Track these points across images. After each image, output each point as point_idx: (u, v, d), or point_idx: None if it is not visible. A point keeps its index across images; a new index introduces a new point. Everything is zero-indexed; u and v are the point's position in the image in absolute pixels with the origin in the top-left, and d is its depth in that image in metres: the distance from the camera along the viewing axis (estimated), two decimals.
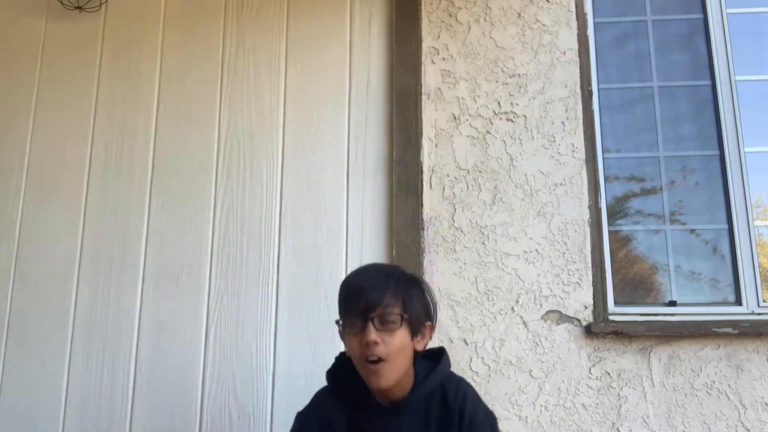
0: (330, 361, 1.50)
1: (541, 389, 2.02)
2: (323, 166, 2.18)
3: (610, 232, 2.19)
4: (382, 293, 1.28)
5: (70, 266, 2.18)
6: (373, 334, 1.26)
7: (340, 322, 1.33)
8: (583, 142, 2.18)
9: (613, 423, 1.99)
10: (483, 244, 2.12)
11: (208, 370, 2.07)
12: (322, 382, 1.50)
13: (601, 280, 2.10)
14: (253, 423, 2.03)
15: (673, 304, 2.15)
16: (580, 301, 2.07)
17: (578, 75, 2.23)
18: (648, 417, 1.99)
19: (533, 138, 2.19)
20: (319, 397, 1.44)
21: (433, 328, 1.38)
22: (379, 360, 1.27)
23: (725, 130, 2.24)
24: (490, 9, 2.30)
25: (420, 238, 2.10)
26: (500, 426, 2.01)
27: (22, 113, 2.32)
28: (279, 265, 2.13)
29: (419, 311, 1.34)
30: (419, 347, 1.35)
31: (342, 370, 1.39)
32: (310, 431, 1.38)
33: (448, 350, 1.98)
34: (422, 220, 2.13)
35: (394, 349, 1.27)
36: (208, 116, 2.26)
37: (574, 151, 2.18)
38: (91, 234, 2.20)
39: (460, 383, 1.39)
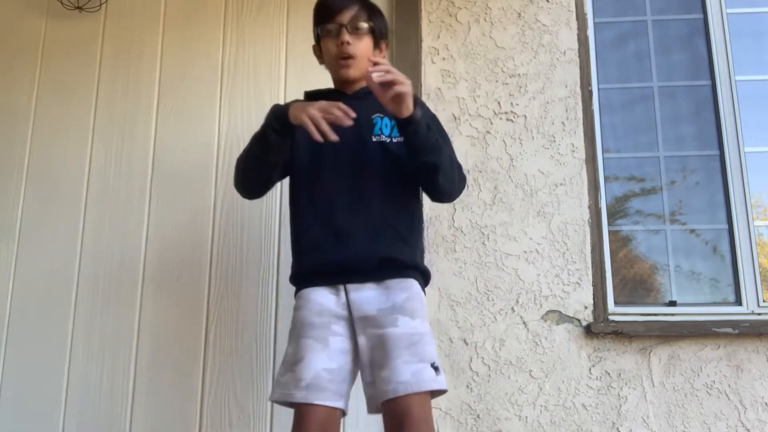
0: None
1: (541, 389, 2.02)
2: None
3: (610, 232, 2.19)
4: (354, 4, 1.60)
5: (70, 266, 2.17)
6: (347, 36, 1.57)
7: (318, 30, 1.64)
8: (583, 142, 2.18)
9: (613, 423, 1.99)
10: (483, 244, 2.12)
11: (208, 370, 2.07)
12: None
13: (601, 280, 2.10)
14: (253, 423, 2.03)
15: (673, 304, 2.15)
16: (580, 301, 2.07)
17: (578, 75, 2.23)
18: (648, 417, 1.99)
19: (533, 138, 2.19)
20: (292, 101, 1.64)
21: (387, 46, 1.71)
22: (350, 57, 1.58)
23: (725, 130, 2.24)
24: (490, 9, 2.30)
25: None
26: (500, 426, 2.02)
27: (22, 113, 2.32)
28: (279, 265, 2.13)
29: (381, 28, 1.66)
30: (378, 60, 1.58)
31: (312, 94, 1.68)
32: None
33: (447, 350, 1.99)
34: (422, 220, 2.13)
35: (361, 50, 1.60)
36: (208, 116, 2.26)
37: (574, 151, 2.18)
38: (91, 234, 2.20)
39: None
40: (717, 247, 2.21)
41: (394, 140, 1.58)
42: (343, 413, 1.46)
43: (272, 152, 1.56)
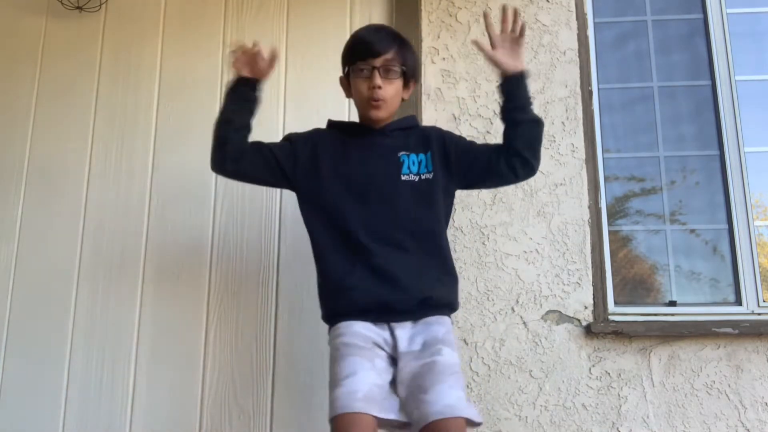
0: None
1: (541, 389, 2.02)
2: None
3: (610, 232, 2.19)
4: (388, 47, 1.59)
5: (70, 266, 2.17)
6: (379, 80, 1.57)
7: (349, 69, 1.63)
8: (583, 142, 2.18)
9: (613, 423, 1.99)
10: (483, 244, 2.12)
11: (208, 370, 2.07)
12: (323, 383, 1.50)
13: (601, 280, 2.10)
14: (253, 423, 2.03)
15: (673, 304, 2.15)
16: (580, 301, 2.07)
17: (578, 75, 2.23)
18: (648, 417, 1.99)
19: None
20: (313, 129, 1.72)
21: (415, 84, 1.71)
22: (381, 100, 1.58)
23: (725, 130, 2.24)
24: (490, 9, 2.30)
25: None
26: (500, 426, 2.02)
27: (22, 113, 2.32)
28: (279, 265, 2.13)
29: (413, 69, 1.67)
30: (405, 97, 1.68)
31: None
32: (294, 143, 1.66)
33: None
34: None
35: (391, 94, 1.60)
36: (208, 116, 2.25)
37: (574, 151, 2.18)
38: (91, 234, 2.20)
39: (435, 126, 1.81)
40: (717, 247, 2.21)
41: (423, 177, 1.60)
42: (407, 424, 1.45)
43: (241, 111, 1.61)
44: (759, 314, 2.09)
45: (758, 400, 1.99)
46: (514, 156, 1.61)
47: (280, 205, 2.17)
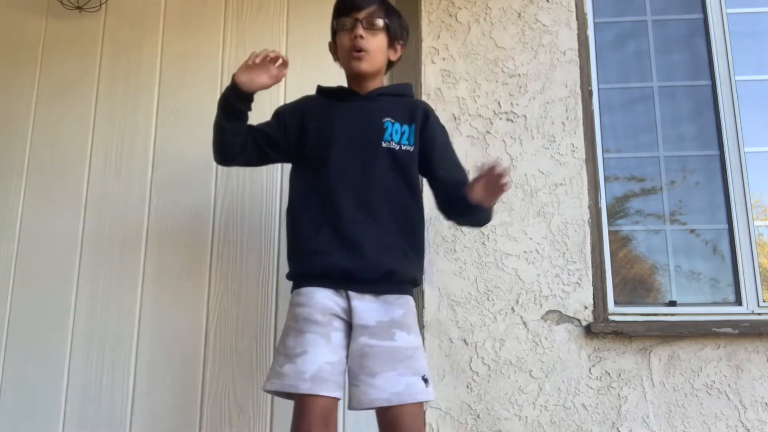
0: None
1: (541, 389, 2.02)
2: None
3: (610, 232, 2.19)
4: (371, 2, 1.63)
5: (70, 266, 2.17)
6: (360, 30, 1.60)
7: (335, 24, 1.67)
8: (583, 142, 2.18)
9: (613, 423, 1.99)
10: (483, 244, 2.12)
11: (208, 370, 2.07)
12: None
13: (601, 280, 2.10)
14: (253, 423, 2.03)
15: (673, 304, 2.15)
16: (580, 301, 2.07)
17: (578, 75, 2.23)
18: (648, 417, 1.99)
19: (533, 138, 2.19)
20: (302, 97, 1.77)
21: (403, 48, 1.72)
22: (362, 50, 1.61)
23: (725, 130, 2.24)
24: (490, 9, 2.30)
25: None
26: (500, 426, 2.01)
27: (22, 113, 2.32)
28: (279, 265, 2.13)
29: (398, 26, 1.68)
30: (393, 58, 1.70)
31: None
32: (281, 116, 1.71)
33: (447, 350, 1.99)
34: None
35: (374, 46, 1.62)
36: (208, 116, 2.24)
37: (574, 151, 2.18)
38: (91, 234, 2.20)
39: (426, 103, 1.81)
40: (717, 247, 2.21)
41: (404, 148, 1.61)
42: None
43: (231, 118, 1.62)
44: (759, 314, 2.09)
45: (758, 400, 1.99)
46: (452, 219, 1.70)
47: (280, 205, 2.17)
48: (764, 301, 2.12)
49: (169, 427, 2.04)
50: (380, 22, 1.62)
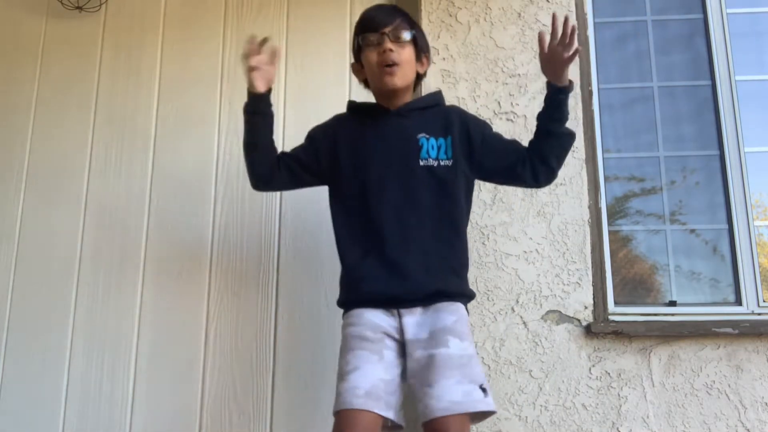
0: (331, 363, 1.51)
1: (541, 389, 2.02)
2: None
3: (610, 232, 2.19)
4: (394, 15, 1.60)
5: (70, 266, 2.17)
6: (389, 44, 1.55)
7: (360, 41, 1.61)
8: (583, 142, 2.18)
9: (613, 423, 1.99)
10: (483, 244, 2.12)
11: (208, 370, 2.07)
12: (323, 383, 1.50)
13: (601, 280, 2.09)
14: (253, 423, 2.03)
15: (673, 304, 2.14)
16: (580, 301, 2.07)
17: (578, 75, 2.23)
18: (648, 417, 1.99)
19: None
20: (335, 115, 1.73)
21: (428, 61, 1.70)
22: (394, 64, 1.55)
23: (725, 130, 2.24)
24: (490, 9, 2.30)
25: None
26: (500, 426, 2.01)
27: (22, 113, 2.32)
28: (279, 265, 2.13)
29: (423, 40, 1.66)
30: (420, 70, 1.66)
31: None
32: (314, 139, 1.69)
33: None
34: None
35: (405, 58, 1.57)
36: (208, 116, 2.26)
37: (574, 151, 2.18)
38: (91, 234, 2.20)
39: (458, 107, 1.77)
40: (717, 247, 2.21)
41: (442, 164, 1.57)
42: (399, 427, 1.47)
43: (257, 133, 1.62)
44: (759, 314, 2.09)
45: (758, 400, 1.99)
46: (541, 164, 1.61)
47: (280, 205, 2.17)
48: (764, 301, 2.12)
49: (169, 428, 2.04)
50: (407, 35, 1.58)
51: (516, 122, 2.21)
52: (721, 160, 2.24)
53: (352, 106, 1.70)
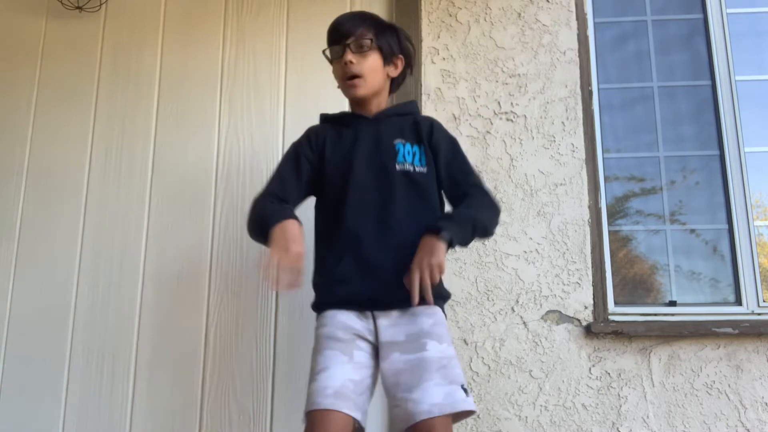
0: None
1: (541, 389, 2.02)
2: None
3: (610, 232, 2.19)
4: (356, 25, 1.60)
5: (70, 266, 2.17)
6: (349, 55, 1.57)
7: (327, 54, 1.64)
8: (583, 142, 2.18)
9: (613, 423, 1.99)
10: (483, 244, 2.12)
11: (208, 370, 2.07)
12: None
13: (601, 280, 2.10)
14: (253, 423, 2.03)
15: (673, 304, 2.15)
16: (580, 301, 2.07)
17: (578, 75, 2.23)
18: (648, 417, 1.99)
19: (533, 138, 2.19)
20: (310, 127, 1.71)
21: (404, 62, 1.67)
22: (355, 76, 1.58)
23: (725, 130, 2.24)
24: (490, 9, 2.30)
25: None
26: (500, 426, 2.02)
27: (22, 113, 2.32)
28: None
29: (391, 41, 1.64)
30: (392, 74, 1.66)
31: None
32: (301, 145, 1.66)
33: None
34: None
35: (367, 68, 1.58)
36: (208, 116, 2.26)
37: (574, 151, 2.18)
38: (91, 234, 2.20)
39: (431, 117, 1.73)
40: (717, 247, 2.21)
41: (417, 170, 1.58)
42: (362, 429, 1.46)
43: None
44: (759, 314, 2.09)
45: (758, 400, 1.99)
46: None
47: None
48: (764, 301, 2.12)
49: (169, 427, 2.04)
50: (368, 43, 1.58)
51: (516, 122, 2.21)
52: (721, 160, 2.24)
53: (326, 117, 1.70)
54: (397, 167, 1.57)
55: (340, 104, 2.23)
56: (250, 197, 2.16)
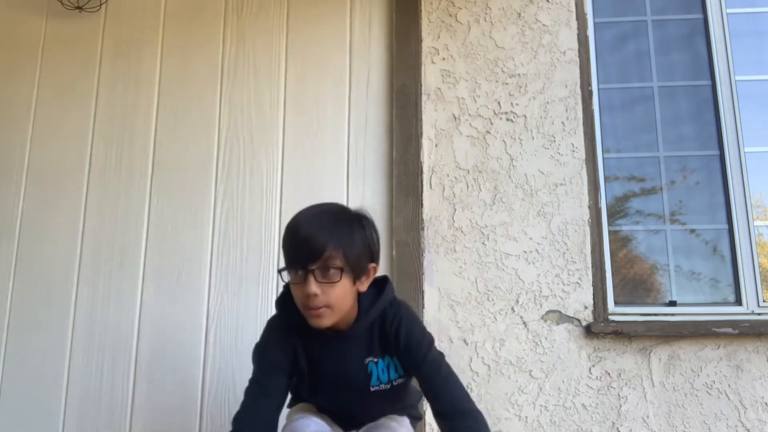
0: None
1: (541, 389, 2.02)
2: (323, 166, 2.18)
3: (610, 232, 2.19)
4: (323, 245, 1.30)
5: (70, 266, 2.18)
6: (313, 286, 1.29)
7: (284, 270, 1.36)
8: (583, 142, 2.18)
9: (613, 423, 1.99)
10: (483, 244, 2.12)
11: (208, 370, 2.07)
12: None
13: (601, 280, 2.09)
14: None
15: (673, 304, 2.15)
16: (580, 301, 2.07)
17: (578, 75, 2.23)
18: (648, 417, 1.99)
19: (533, 138, 2.19)
20: (272, 326, 1.48)
21: (376, 268, 1.41)
22: (320, 308, 1.31)
23: (725, 130, 2.24)
24: (490, 9, 2.30)
25: (420, 238, 2.10)
26: (500, 426, 2.01)
27: (22, 113, 2.32)
28: (279, 265, 2.13)
29: (362, 257, 1.36)
30: (362, 288, 1.39)
31: (290, 300, 1.40)
32: (273, 356, 1.44)
33: (447, 350, 1.99)
34: (422, 220, 2.13)
35: (333, 298, 1.32)
36: (208, 116, 2.26)
37: (574, 151, 2.18)
38: (91, 234, 2.20)
39: (399, 308, 1.45)
40: (717, 247, 2.21)
41: (395, 383, 1.45)
42: None
43: None
44: (759, 314, 2.09)
45: (758, 400, 1.99)
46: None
47: (280, 205, 2.17)
48: (764, 301, 2.12)
49: (169, 427, 2.04)
50: (337, 271, 1.30)
51: (516, 122, 2.21)
52: (721, 160, 2.24)
53: (291, 325, 1.43)
54: (372, 389, 1.43)
55: (340, 104, 2.25)
56: (250, 197, 2.18)
